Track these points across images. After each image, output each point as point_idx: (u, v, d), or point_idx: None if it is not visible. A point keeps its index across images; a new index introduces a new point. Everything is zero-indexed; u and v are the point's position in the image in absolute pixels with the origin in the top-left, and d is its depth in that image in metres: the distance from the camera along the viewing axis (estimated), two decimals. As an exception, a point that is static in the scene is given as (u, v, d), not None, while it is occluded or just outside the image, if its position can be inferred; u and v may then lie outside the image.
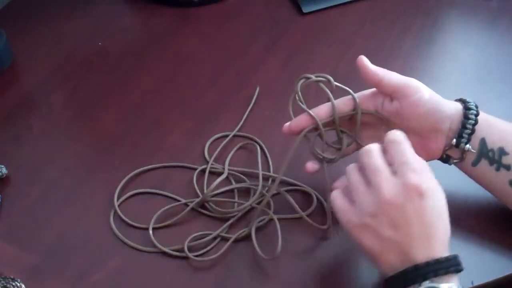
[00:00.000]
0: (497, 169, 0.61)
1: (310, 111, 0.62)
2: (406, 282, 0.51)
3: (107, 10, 0.94)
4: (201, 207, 0.67)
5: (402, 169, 0.52)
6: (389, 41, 0.88)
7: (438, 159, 0.64)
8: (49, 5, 0.95)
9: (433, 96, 0.61)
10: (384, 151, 0.55)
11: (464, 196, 0.67)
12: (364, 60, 0.62)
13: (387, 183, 0.52)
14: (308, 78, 0.63)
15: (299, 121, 0.63)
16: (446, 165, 0.68)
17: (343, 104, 0.63)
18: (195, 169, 0.71)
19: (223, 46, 0.88)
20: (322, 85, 0.63)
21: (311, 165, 0.64)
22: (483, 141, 0.61)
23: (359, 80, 0.64)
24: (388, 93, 0.62)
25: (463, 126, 0.61)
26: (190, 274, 0.62)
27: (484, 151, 0.61)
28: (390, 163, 0.53)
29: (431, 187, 0.53)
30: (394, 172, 0.53)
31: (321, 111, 0.63)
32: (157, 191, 0.69)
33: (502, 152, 0.60)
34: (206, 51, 0.88)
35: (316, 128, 0.63)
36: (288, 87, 0.61)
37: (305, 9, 0.93)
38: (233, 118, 0.77)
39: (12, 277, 0.60)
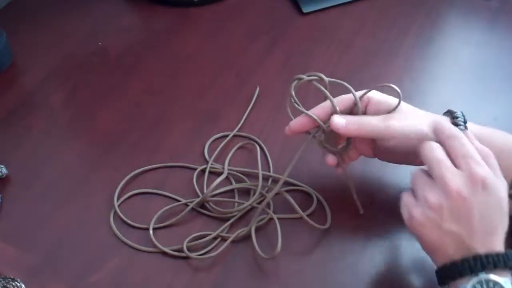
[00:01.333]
0: None
1: (309, 113, 0.62)
2: (464, 271, 0.51)
3: (107, 10, 0.94)
4: (201, 207, 0.67)
5: (466, 161, 0.52)
6: (389, 41, 0.88)
7: None
8: (49, 5, 0.95)
9: (410, 135, 0.59)
10: (442, 146, 0.55)
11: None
12: (334, 122, 0.60)
13: (451, 175, 0.52)
14: (301, 78, 0.62)
15: (299, 123, 0.62)
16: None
17: (340, 102, 0.62)
18: (195, 169, 0.71)
19: (223, 46, 0.88)
20: (315, 83, 0.62)
21: (331, 158, 0.64)
22: None
23: (359, 80, 0.64)
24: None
25: None
26: (190, 274, 0.62)
27: None
28: (451, 157, 0.53)
29: (495, 180, 0.52)
30: (457, 165, 0.53)
31: (320, 110, 0.62)
32: (157, 191, 0.69)
33: None
34: (206, 51, 0.88)
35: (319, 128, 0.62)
36: (288, 87, 0.61)
37: (305, 9, 0.93)
38: (233, 118, 0.77)
39: (12, 277, 0.60)
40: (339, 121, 0.60)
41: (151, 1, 0.95)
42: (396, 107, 0.60)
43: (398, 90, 0.59)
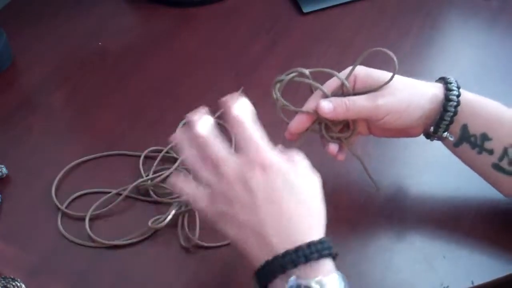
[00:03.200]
0: (479, 153, 0.60)
1: (304, 109, 0.60)
2: (268, 275, 0.47)
3: (107, 10, 0.94)
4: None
5: (243, 147, 0.49)
6: (389, 41, 0.88)
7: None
8: (49, 5, 0.95)
9: (401, 109, 0.58)
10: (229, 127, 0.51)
11: (464, 196, 0.67)
12: (321, 107, 0.58)
13: (230, 165, 0.49)
14: (281, 80, 0.61)
15: (297, 123, 0.61)
16: (445, 167, 0.68)
17: (328, 87, 0.61)
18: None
19: (223, 46, 0.88)
20: (298, 79, 0.61)
21: (332, 147, 0.62)
22: (464, 127, 0.60)
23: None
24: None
25: (441, 118, 0.59)
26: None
27: (466, 136, 0.60)
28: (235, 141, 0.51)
29: (278, 162, 0.49)
30: (238, 150, 0.50)
31: (313, 102, 0.60)
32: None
33: (485, 137, 0.59)
34: (206, 51, 0.88)
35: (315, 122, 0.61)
36: (288, 87, 0.61)
37: (305, 9, 0.93)
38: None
39: (12, 277, 0.60)
40: (326, 106, 0.58)
41: (151, 1, 0.95)
42: (387, 82, 0.58)
43: (394, 58, 0.58)
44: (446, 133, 0.60)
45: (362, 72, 0.60)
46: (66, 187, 0.70)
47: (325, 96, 0.60)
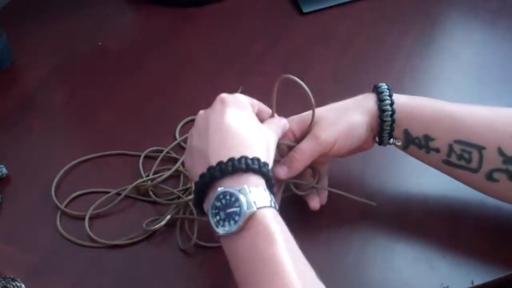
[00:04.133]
0: (427, 152, 0.62)
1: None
2: (202, 187, 0.51)
3: (107, 10, 0.94)
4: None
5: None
6: (389, 41, 0.88)
7: None
8: (49, 5, 0.95)
9: (345, 133, 0.60)
10: None
11: (464, 196, 0.67)
12: (277, 173, 0.60)
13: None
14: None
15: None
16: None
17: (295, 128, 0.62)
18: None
19: (223, 46, 0.88)
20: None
21: (314, 201, 0.64)
22: (406, 132, 0.61)
23: (359, 80, 0.64)
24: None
25: (381, 128, 0.61)
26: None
27: (410, 139, 0.62)
28: None
29: (235, 99, 0.56)
30: None
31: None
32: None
33: (428, 138, 0.61)
34: (206, 51, 0.88)
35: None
36: (287, 87, 0.61)
37: (305, 9, 0.93)
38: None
39: (12, 277, 0.60)
40: (281, 170, 0.60)
41: (151, 1, 0.95)
42: (311, 122, 0.60)
43: (306, 89, 0.59)
44: (392, 139, 0.62)
45: (294, 122, 0.62)
46: (65, 186, 0.70)
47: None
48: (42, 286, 0.61)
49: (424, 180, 0.69)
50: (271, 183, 0.52)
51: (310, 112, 0.61)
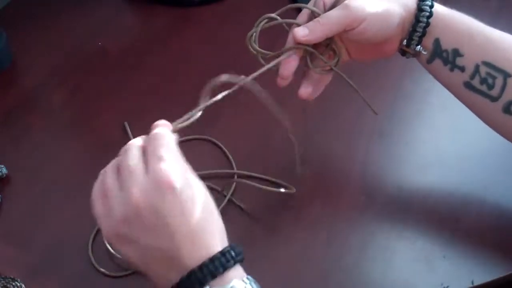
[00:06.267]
0: (451, 70, 0.59)
1: (286, 48, 0.58)
2: None
3: (107, 10, 0.94)
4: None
5: (153, 165, 0.45)
6: (389, 41, 0.88)
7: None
8: (49, 5, 0.95)
9: (378, 13, 0.57)
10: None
11: (464, 196, 0.67)
12: (296, 33, 0.57)
13: (137, 183, 0.45)
14: (253, 33, 0.61)
15: (287, 66, 0.59)
16: (445, 166, 0.68)
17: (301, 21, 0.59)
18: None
19: (223, 46, 0.88)
20: (269, 24, 0.61)
21: (304, 90, 0.61)
22: (437, 42, 0.59)
23: (359, 80, 0.64)
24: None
25: (414, 29, 0.58)
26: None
27: (438, 52, 0.59)
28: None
29: (185, 178, 0.46)
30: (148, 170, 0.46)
31: (291, 39, 0.59)
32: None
33: (457, 53, 0.58)
34: (206, 51, 0.88)
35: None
36: (287, 87, 0.61)
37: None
38: (233, 118, 0.77)
39: (12, 277, 0.60)
40: (301, 30, 0.56)
41: (151, 1, 0.95)
42: None
43: None
44: (419, 46, 0.59)
45: None
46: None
47: (310, 17, 0.58)
48: (42, 286, 0.61)
49: (424, 180, 0.69)
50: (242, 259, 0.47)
51: None
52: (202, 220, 0.46)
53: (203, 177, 0.49)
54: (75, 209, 0.67)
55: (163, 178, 0.44)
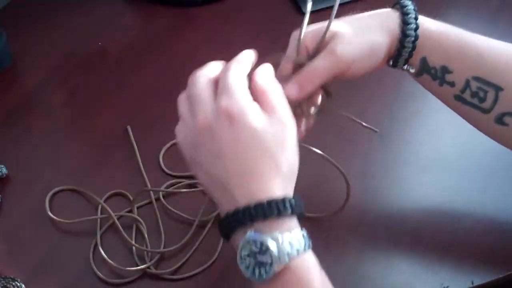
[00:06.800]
0: (441, 85, 0.57)
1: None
2: (229, 229, 0.46)
3: (107, 10, 0.94)
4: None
5: (220, 93, 0.47)
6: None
7: None
8: (49, 5, 0.95)
9: (365, 51, 0.55)
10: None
11: (464, 196, 0.67)
12: (288, 93, 0.53)
13: (203, 109, 0.47)
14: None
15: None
16: (445, 166, 0.68)
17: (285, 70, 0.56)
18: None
19: (223, 45, 0.88)
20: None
21: (302, 128, 0.57)
22: (424, 60, 0.57)
23: (359, 80, 0.63)
24: None
25: (399, 53, 0.56)
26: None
27: (426, 69, 0.57)
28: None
29: (248, 114, 0.46)
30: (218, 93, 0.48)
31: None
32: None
33: (445, 70, 0.56)
34: (206, 51, 0.88)
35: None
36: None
37: (305, 9, 0.92)
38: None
39: (12, 277, 0.60)
40: (292, 88, 0.53)
41: (151, 1, 0.95)
42: (325, 33, 0.54)
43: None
44: (406, 65, 0.58)
45: (309, 35, 0.56)
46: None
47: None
48: (42, 286, 0.61)
49: (424, 180, 0.69)
50: (303, 214, 0.47)
51: (325, 22, 0.55)
52: (259, 160, 0.46)
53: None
54: (75, 209, 0.68)
55: (222, 106, 0.46)
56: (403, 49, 0.56)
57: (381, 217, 0.66)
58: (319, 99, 0.57)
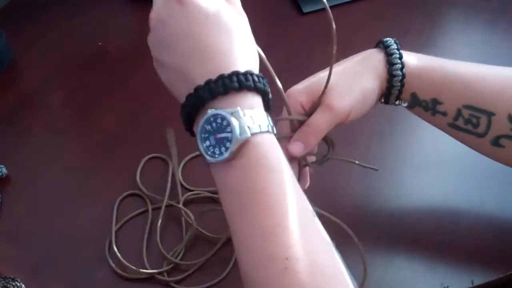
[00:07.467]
0: (433, 115, 0.59)
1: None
2: (190, 109, 0.44)
3: (107, 10, 0.94)
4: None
5: None
6: (389, 41, 0.88)
7: None
8: (49, 5, 0.95)
9: (359, 100, 0.56)
10: None
11: (464, 196, 0.67)
12: (292, 152, 0.55)
13: (156, 6, 0.47)
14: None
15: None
16: (445, 166, 0.68)
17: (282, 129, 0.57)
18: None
19: (223, 46, 0.88)
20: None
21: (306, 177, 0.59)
22: (414, 95, 0.58)
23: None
24: None
25: (389, 92, 0.58)
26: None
27: (417, 102, 0.59)
28: None
29: None
30: None
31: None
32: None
33: (436, 101, 0.58)
34: (206, 51, 0.88)
35: None
36: (288, 87, 0.61)
37: (305, 9, 0.93)
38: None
39: (12, 277, 0.60)
40: (295, 147, 0.55)
41: (151, 1, 0.95)
42: (323, 91, 0.55)
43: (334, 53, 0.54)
44: (397, 101, 0.59)
45: (303, 93, 0.57)
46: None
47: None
48: (42, 286, 0.61)
49: (424, 180, 0.69)
50: (268, 98, 0.45)
51: (316, 79, 0.57)
52: (216, 38, 0.44)
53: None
54: (75, 209, 0.68)
55: None
56: (393, 88, 0.58)
57: (381, 217, 0.66)
58: (316, 148, 0.59)
